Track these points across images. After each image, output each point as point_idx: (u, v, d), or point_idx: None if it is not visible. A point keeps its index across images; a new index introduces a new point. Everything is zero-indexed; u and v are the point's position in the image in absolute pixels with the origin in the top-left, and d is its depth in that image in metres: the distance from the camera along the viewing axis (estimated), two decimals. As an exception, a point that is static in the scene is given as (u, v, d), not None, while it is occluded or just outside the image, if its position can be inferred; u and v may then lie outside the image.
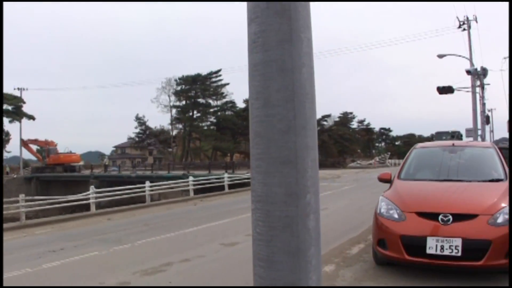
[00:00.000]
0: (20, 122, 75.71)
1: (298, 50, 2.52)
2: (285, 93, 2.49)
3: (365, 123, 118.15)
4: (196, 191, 28.81)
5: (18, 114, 74.92)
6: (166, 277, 8.32)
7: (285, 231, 2.51)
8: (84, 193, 22.44)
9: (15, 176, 66.50)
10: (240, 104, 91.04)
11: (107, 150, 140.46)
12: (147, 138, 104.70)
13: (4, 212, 18.48)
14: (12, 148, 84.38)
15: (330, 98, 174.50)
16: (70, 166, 69.72)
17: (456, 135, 51.32)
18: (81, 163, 79.16)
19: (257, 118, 2.58)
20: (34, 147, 77.18)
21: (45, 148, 73.02)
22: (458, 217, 6.94)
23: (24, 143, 74.62)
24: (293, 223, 2.51)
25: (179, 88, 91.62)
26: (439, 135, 53.77)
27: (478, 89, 35.18)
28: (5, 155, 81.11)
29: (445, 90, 33.32)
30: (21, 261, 10.12)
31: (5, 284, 8.32)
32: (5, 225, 16.71)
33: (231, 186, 30.34)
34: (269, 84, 2.52)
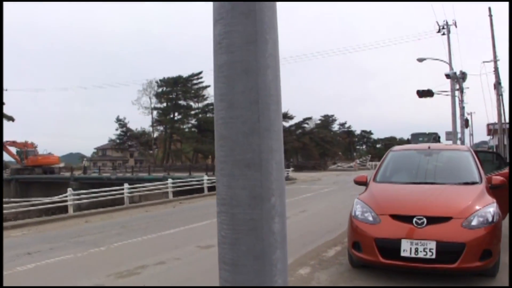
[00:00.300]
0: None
1: (263, 52, 2.50)
2: (250, 95, 2.47)
3: (346, 125, 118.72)
4: (176, 193, 28.74)
5: (-3, 115, 74.06)
6: (141, 280, 8.26)
7: (250, 234, 2.48)
8: (61, 195, 22.28)
9: (-7, 179, 65.87)
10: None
11: (89, 151, 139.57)
12: (128, 140, 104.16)
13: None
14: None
15: (311, 101, 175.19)
16: (49, 167, 69.24)
17: (434, 137, 47.96)
18: (62, 164, 78.61)
19: (221, 120, 2.56)
20: (13, 149, 76.36)
21: (23, 150, 72.32)
22: (432, 220, 6.96)
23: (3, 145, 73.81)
24: (258, 226, 2.48)
25: (160, 90, 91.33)
26: (415, 137, 49.21)
27: (457, 93, 35.43)
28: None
29: (425, 93, 33.53)
30: (-6, 264, 9.99)
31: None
32: (-20, 228, 16.49)
33: (210, 188, 30.21)
34: (234, 86, 2.49)
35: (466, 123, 37.44)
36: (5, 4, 14.38)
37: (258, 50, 2.48)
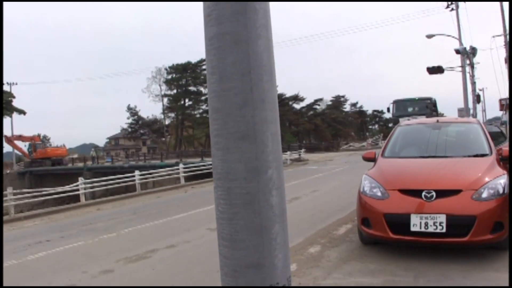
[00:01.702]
0: (11, 117, 75.20)
1: (253, 22, 2.44)
2: (241, 66, 2.41)
3: (358, 106, 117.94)
4: (188, 178, 28.79)
5: (8, 109, 74.26)
6: (150, 264, 8.28)
7: (247, 209, 2.44)
8: (73, 184, 22.40)
9: (8, 171, 66.33)
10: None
11: (101, 142, 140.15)
12: (140, 128, 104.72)
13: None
14: (5, 144, 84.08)
15: (321, 82, 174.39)
16: (58, 159, 69.70)
17: (427, 105, 37.71)
18: (75, 155, 79.05)
19: (214, 93, 2.51)
20: (21, 143, 76.63)
21: (32, 143, 72.68)
22: (442, 193, 6.88)
23: (8, 140, 74.20)
24: (255, 200, 2.43)
25: (169, 77, 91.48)
26: (401, 106, 38.99)
27: (468, 68, 35.10)
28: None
29: (435, 70, 33.19)
30: (7, 254, 10.04)
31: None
32: (-7, 219, 16.64)
33: (222, 172, 30.17)
34: (224, 58, 2.44)
35: (477, 99, 36.98)
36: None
37: (248, 20, 2.42)
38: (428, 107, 37.27)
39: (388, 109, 40.17)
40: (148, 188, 28.85)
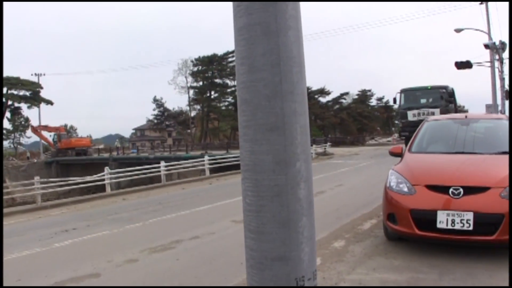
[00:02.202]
0: (38, 107, 76.14)
1: (283, 13, 2.42)
2: (270, 57, 2.40)
3: (384, 100, 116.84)
4: (213, 170, 28.86)
5: (36, 99, 75.22)
6: (174, 254, 8.32)
7: (275, 201, 2.43)
8: (99, 174, 22.61)
9: (35, 160, 67.33)
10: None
11: (127, 132, 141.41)
12: (165, 120, 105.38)
13: (22, 194, 18.71)
14: (31, 134, 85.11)
15: (348, 76, 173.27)
16: (82, 149, 70.57)
17: (441, 95, 32.24)
18: (101, 146, 79.89)
19: (242, 84, 2.49)
20: (47, 134, 77.58)
21: (57, 134, 73.58)
22: (470, 190, 6.78)
23: (34, 130, 75.36)
24: (283, 192, 2.42)
25: (195, 69, 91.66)
26: (410, 96, 33.17)
27: (497, 64, 34.56)
28: (26, 140, 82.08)
29: (463, 65, 32.66)
30: (33, 241, 10.20)
31: (15, 263, 8.40)
32: (21, 207, 16.93)
33: (247, 165, 30.16)
34: (254, 49, 2.42)
35: (506, 95, 36.33)
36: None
37: (278, 11, 2.41)
38: (443, 97, 32.14)
39: (395, 100, 34.09)
40: (172, 180, 28.97)
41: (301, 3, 2.61)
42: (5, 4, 14.85)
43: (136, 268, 7.71)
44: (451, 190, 6.81)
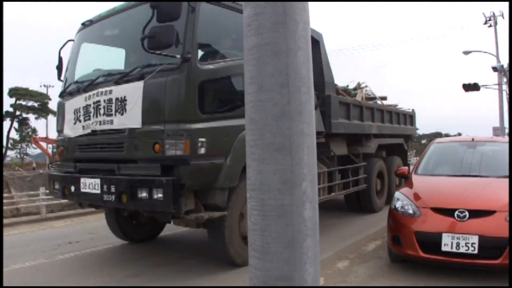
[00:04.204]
0: (46, 118, 76.16)
1: (293, 33, 2.45)
2: (280, 78, 2.42)
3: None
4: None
5: (44, 110, 75.23)
6: (180, 269, 8.29)
7: (280, 221, 2.44)
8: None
9: (41, 171, 67.31)
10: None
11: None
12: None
13: (26, 205, 18.71)
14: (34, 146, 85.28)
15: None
16: None
17: None
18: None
19: (251, 104, 2.52)
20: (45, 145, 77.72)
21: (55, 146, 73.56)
22: (475, 213, 6.76)
23: (35, 141, 75.25)
24: (288, 212, 2.44)
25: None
26: None
27: (505, 87, 34.53)
28: (33, 151, 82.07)
29: (471, 87, 32.59)
30: (37, 253, 10.18)
31: (18, 274, 8.39)
32: (25, 218, 16.94)
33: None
34: (263, 68, 2.45)
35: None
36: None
37: (288, 31, 2.44)
38: None
39: None
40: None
41: (312, 22, 2.64)
42: (18, 15, 14.74)
43: (138, 282, 7.69)
44: (456, 213, 6.80)
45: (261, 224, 2.49)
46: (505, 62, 34.77)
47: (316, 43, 10.34)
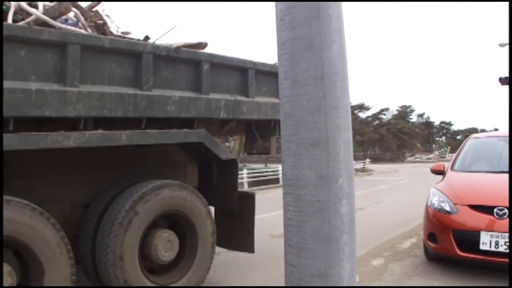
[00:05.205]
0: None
1: (327, 27, 2.43)
2: (314, 72, 2.40)
3: (425, 116, 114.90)
4: (251, 184, 28.76)
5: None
6: (212, 267, 8.27)
7: (316, 217, 2.42)
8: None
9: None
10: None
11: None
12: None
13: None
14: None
15: (387, 91, 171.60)
16: None
17: None
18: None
19: (286, 99, 2.51)
20: None
21: None
22: None
23: None
24: (325, 208, 2.41)
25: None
26: None
27: (543, 80, 33.73)
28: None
29: (507, 80, 31.94)
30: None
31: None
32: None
33: (286, 179, 29.95)
34: (297, 63, 2.44)
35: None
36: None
37: (321, 25, 2.42)
38: None
39: None
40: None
41: (345, 14, 2.61)
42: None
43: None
44: (495, 210, 6.66)
45: (297, 220, 2.48)
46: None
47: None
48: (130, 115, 5.49)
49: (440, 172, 8.81)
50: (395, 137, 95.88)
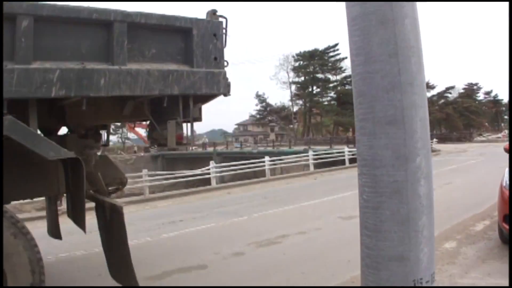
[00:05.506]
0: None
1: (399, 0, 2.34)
2: (387, 47, 2.33)
3: (492, 94, 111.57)
4: (317, 166, 28.66)
5: (143, 96, 78.90)
6: (281, 249, 8.30)
7: (394, 198, 2.36)
8: (204, 168, 23.02)
9: (142, 154, 70.08)
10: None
11: (230, 128, 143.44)
12: (268, 115, 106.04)
13: (130, 186, 19.44)
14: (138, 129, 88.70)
15: (453, 69, 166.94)
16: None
17: None
18: (206, 140, 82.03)
19: (358, 76, 2.43)
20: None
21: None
22: None
23: (130, 127, 78.50)
24: (402, 188, 2.35)
25: (297, 64, 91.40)
26: None
27: None
28: (133, 136, 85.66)
29: None
30: (142, 231, 10.50)
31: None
32: (129, 199, 17.52)
33: (352, 161, 29.72)
34: (369, 38, 2.37)
35: None
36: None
37: (393, -2, 2.34)
38: None
39: None
40: (275, 174, 29.02)
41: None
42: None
43: (242, 261, 7.77)
44: None
45: (374, 202, 2.42)
46: None
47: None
48: None
49: (513, 151, 8.46)
50: (462, 116, 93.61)
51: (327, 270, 6.99)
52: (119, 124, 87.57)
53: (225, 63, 5.57)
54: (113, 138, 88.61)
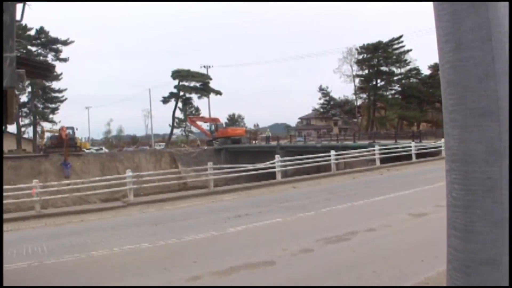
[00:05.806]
0: (208, 97, 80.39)
1: (491, -20, 2.15)
2: (480, 33, 2.13)
3: None
4: (382, 160, 28.20)
5: (205, 90, 79.76)
6: (350, 246, 8.15)
7: (487, 196, 2.16)
8: (270, 162, 22.95)
9: (205, 148, 71.09)
10: (425, 71, 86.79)
11: (293, 121, 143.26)
12: (331, 109, 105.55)
13: (194, 179, 19.58)
14: (201, 123, 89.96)
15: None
16: (237, 138, 73.26)
17: None
18: (269, 134, 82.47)
19: (448, 64, 2.24)
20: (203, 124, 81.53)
21: (214, 124, 77.18)
22: None
23: (191, 121, 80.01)
24: (497, 186, 2.14)
25: (360, 57, 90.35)
26: None
27: None
28: (196, 129, 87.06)
29: None
30: (208, 225, 10.57)
31: (192, 245, 8.70)
32: (194, 192, 17.71)
33: (418, 156, 29.16)
34: (460, 23, 2.17)
35: None
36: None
37: (484, -20, 2.15)
38: None
39: None
40: (339, 169, 28.70)
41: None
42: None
43: (311, 258, 7.66)
44: None
45: (464, 200, 2.24)
46: None
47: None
48: None
49: None
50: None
51: (399, 269, 6.78)
52: (182, 117, 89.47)
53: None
54: (176, 131, 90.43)
